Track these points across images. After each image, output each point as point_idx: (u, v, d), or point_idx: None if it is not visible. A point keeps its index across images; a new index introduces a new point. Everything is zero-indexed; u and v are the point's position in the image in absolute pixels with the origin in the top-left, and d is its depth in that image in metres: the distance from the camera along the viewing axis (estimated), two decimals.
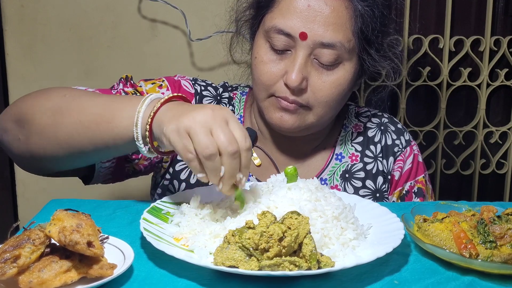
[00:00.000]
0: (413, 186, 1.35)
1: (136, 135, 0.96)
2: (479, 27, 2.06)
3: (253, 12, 1.26)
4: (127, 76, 1.27)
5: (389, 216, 0.98)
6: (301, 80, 1.14)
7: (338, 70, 1.17)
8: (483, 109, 2.12)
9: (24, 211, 2.05)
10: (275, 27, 1.16)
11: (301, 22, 1.13)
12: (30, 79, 1.95)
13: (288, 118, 1.19)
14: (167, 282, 0.79)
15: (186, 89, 1.31)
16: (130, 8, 1.92)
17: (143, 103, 0.96)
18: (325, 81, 1.17)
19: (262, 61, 1.19)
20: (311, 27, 1.13)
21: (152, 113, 0.94)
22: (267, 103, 1.21)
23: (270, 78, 1.18)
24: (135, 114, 0.96)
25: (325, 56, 1.15)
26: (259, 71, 1.19)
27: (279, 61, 1.17)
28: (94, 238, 0.74)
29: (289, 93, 1.17)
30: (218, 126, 0.88)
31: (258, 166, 1.31)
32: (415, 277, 0.83)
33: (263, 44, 1.19)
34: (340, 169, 1.32)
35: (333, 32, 1.13)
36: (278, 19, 1.16)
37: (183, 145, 0.89)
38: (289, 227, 0.79)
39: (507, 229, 0.88)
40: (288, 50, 1.17)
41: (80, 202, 1.11)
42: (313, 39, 1.13)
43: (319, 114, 1.20)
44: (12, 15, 1.90)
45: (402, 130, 1.39)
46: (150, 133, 0.95)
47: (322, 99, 1.18)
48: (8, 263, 0.70)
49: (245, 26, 1.29)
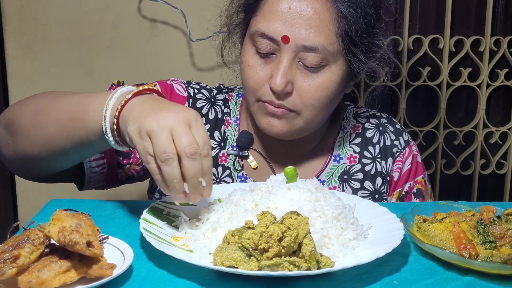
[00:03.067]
0: (412, 187, 1.35)
1: (105, 128, 0.95)
2: (479, 27, 2.06)
3: (242, 16, 1.26)
4: (119, 81, 1.27)
5: (388, 216, 0.98)
6: (285, 84, 1.13)
7: (324, 73, 1.16)
8: (483, 109, 2.12)
9: (23, 211, 2.05)
10: (259, 31, 1.15)
11: (283, 25, 1.12)
12: (30, 79, 1.95)
13: (276, 123, 1.18)
14: (167, 282, 0.79)
15: (178, 93, 1.30)
16: (130, 8, 1.92)
17: (112, 96, 0.95)
18: (310, 84, 1.15)
19: (249, 65, 1.18)
20: (292, 30, 1.12)
21: (119, 106, 0.93)
22: (256, 107, 1.20)
23: (256, 82, 1.17)
24: (104, 106, 0.95)
25: (309, 59, 1.13)
26: (246, 75, 1.19)
27: (265, 65, 1.17)
28: (93, 238, 0.74)
29: (274, 98, 1.16)
30: (181, 129, 0.86)
31: (255, 168, 1.30)
32: (414, 277, 0.83)
33: (249, 48, 1.19)
34: (339, 170, 1.32)
35: (315, 35, 1.12)
36: (262, 23, 1.15)
37: (143, 146, 0.88)
38: (288, 227, 0.79)
39: (506, 229, 0.88)
40: (272, 53, 1.16)
41: (79, 202, 1.11)
42: (295, 42, 1.12)
43: (307, 118, 1.19)
44: (12, 15, 1.90)
45: (401, 130, 1.38)
46: (117, 126, 0.94)
47: (309, 102, 1.16)
48: (8, 263, 0.70)
49: (235, 30, 1.29)
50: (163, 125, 0.86)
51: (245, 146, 1.30)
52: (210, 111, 1.32)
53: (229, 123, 1.33)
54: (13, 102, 1.95)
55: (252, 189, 0.99)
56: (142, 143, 0.88)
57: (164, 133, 0.86)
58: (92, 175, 1.20)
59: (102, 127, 0.95)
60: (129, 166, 1.25)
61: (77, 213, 0.78)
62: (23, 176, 1.19)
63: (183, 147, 0.85)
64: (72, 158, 1.10)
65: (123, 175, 1.26)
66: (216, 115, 1.32)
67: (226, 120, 1.33)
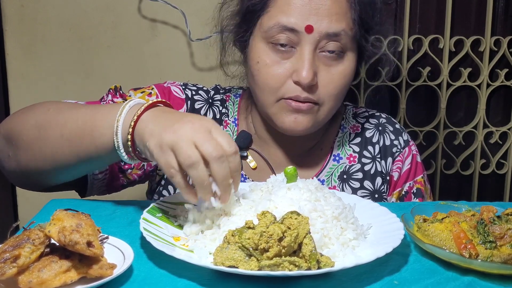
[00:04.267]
0: (412, 186, 1.35)
1: (117, 144, 0.95)
2: (479, 27, 2.06)
3: (239, 20, 1.25)
4: (116, 86, 1.27)
5: (389, 216, 0.98)
6: (313, 76, 1.13)
7: (343, 61, 1.18)
8: (483, 109, 2.12)
9: (24, 211, 2.05)
10: (278, 25, 1.14)
11: (304, 15, 1.13)
12: (30, 79, 1.95)
13: (302, 119, 1.18)
14: (167, 282, 0.79)
15: (176, 95, 1.30)
16: (130, 8, 1.92)
17: (122, 111, 0.95)
18: (333, 74, 1.17)
19: (266, 64, 1.17)
20: (315, 20, 1.13)
21: (132, 122, 0.93)
22: (277, 108, 1.19)
23: (277, 80, 1.16)
24: (115, 123, 0.95)
25: (331, 47, 1.15)
26: (264, 74, 1.17)
27: (284, 61, 1.16)
28: (93, 238, 0.74)
29: (299, 91, 1.15)
30: (201, 136, 0.87)
31: (254, 168, 1.30)
32: (414, 277, 0.83)
33: (263, 46, 1.18)
34: (338, 170, 1.32)
35: (336, 21, 1.14)
36: (280, 16, 1.15)
37: (166, 160, 0.88)
38: (288, 227, 0.79)
39: (507, 229, 0.88)
40: (292, 47, 1.15)
41: (80, 202, 1.11)
42: (319, 30, 1.13)
43: (328, 109, 1.20)
44: (12, 15, 1.90)
45: (400, 130, 1.38)
46: (132, 141, 0.93)
47: (332, 92, 1.17)
48: (8, 263, 0.70)
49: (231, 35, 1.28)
50: (182, 136, 0.87)
51: (244, 147, 1.30)
52: (208, 112, 1.32)
53: (227, 124, 1.33)
54: (13, 102, 1.96)
55: (252, 189, 0.99)
56: (164, 157, 0.88)
57: (186, 143, 0.86)
58: (95, 182, 1.20)
59: (114, 143, 0.95)
60: (131, 171, 1.25)
61: (77, 213, 0.78)
62: (24, 187, 1.17)
63: (209, 152, 0.86)
64: (78, 171, 1.09)
65: (125, 179, 1.26)
66: (214, 116, 1.32)
67: (224, 120, 1.33)
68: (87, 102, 1.20)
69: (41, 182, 1.12)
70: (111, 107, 0.99)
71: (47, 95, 1.94)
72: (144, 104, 0.95)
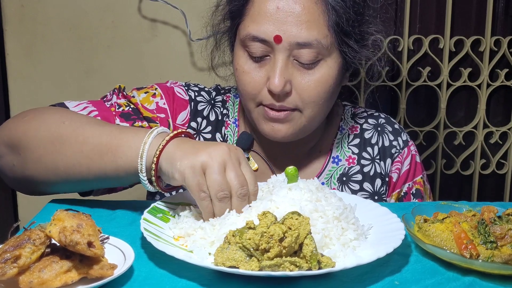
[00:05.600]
0: (411, 187, 1.34)
1: (141, 166, 0.95)
2: (479, 27, 2.06)
3: (228, 23, 1.25)
4: (120, 86, 1.26)
5: (389, 217, 0.98)
6: (283, 84, 1.12)
7: (320, 68, 1.15)
8: (483, 109, 2.12)
9: (24, 211, 2.05)
10: (249, 35, 1.14)
11: (273, 25, 1.11)
12: (30, 79, 1.95)
13: (280, 127, 1.18)
14: (168, 282, 0.79)
15: (180, 96, 1.30)
16: (130, 8, 1.92)
17: (150, 135, 0.96)
18: (309, 81, 1.14)
19: (244, 71, 1.17)
20: (284, 29, 1.11)
21: (161, 146, 0.94)
22: (257, 113, 1.19)
23: (254, 87, 1.16)
24: (141, 145, 0.95)
25: (304, 56, 1.12)
26: (243, 81, 1.18)
27: (260, 69, 1.16)
28: (94, 238, 0.74)
29: (274, 100, 1.15)
30: (232, 166, 0.90)
31: (255, 170, 1.30)
32: (415, 277, 0.83)
33: (241, 54, 1.18)
34: (337, 172, 1.32)
35: (307, 30, 1.11)
36: (251, 26, 1.14)
37: (198, 182, 0.89)
38: (289, 227, 0.79)
39: (507, 229, 0.88)
40: (266, 56, 1.15)
41: (80, 202, 1.11)
42: (288, 40, 1.11)
43: (310, 115, 1.18)
44: (12, 15, 1.90)
45: (400, 130, 1.38)
46: (156, 165, 0.94)
47: (309, 99, 1.15)
48: (9, 263, 0.70)
49: (224, 38, 1.28)
50: (216, 159, 0.89)
51: (245, 148, 1.29)
52: (211, 113, 1.32)
53: (228, 125, 1.33)
54: (13, 102, 1.96)
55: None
56: (196, 178, 0.89)
57: (218, 167, 0.89)
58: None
59: (137, 165, 0.95)
60: None
61: (78, 213, 0.77)
62: (25, 193, 1.16)
63: (236, 188, 0.90)
64: (89, 186, 1.09)
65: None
66: (217, 117, 1.32)
67: (225, 121, 1.33)
68: (89, 101, 1.20)
69: (47, 191, 1.11)
70: (137, 129, 1.01)
71: (47, 95, 1.94)
72: (172, 132, 0.97)
